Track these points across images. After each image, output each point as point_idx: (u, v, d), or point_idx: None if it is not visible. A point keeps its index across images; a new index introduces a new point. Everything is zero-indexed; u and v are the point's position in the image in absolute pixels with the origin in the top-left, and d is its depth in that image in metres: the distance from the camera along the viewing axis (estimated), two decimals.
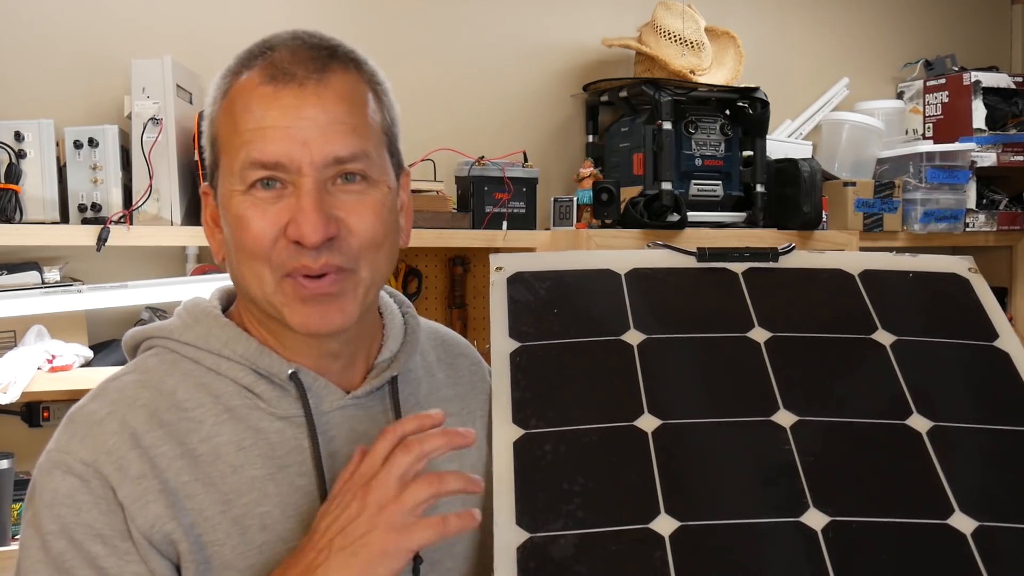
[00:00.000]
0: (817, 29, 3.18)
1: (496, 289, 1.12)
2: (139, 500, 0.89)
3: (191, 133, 2.14)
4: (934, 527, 0.93)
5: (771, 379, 1.03)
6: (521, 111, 2.76)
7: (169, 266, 2.35)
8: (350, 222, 0.93)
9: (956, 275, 1.17)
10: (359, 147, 0.93)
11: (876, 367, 1.06)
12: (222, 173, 0.95)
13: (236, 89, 0.94)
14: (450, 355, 1.15)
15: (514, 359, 1.05)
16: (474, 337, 2.63)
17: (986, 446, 1.00)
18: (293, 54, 0.93)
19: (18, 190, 2.02)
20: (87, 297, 2.05)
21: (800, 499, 0.94)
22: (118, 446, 0.91)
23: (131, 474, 0.90)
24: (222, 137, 0.95)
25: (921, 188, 2.86)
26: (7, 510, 2.00)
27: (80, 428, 0.93)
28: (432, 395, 1.08)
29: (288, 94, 0.91)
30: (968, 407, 1.04)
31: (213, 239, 1.01)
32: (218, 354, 0.97)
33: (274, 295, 0.93)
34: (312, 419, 0.96)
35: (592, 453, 0.97)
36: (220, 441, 0.94)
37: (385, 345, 1.05)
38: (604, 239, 2.39)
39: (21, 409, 2.17)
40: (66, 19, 2.28)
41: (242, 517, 0.92)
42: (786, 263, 1.16)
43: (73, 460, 0.90)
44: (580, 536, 0.91)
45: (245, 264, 0.94)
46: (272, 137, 0.90)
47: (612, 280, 1.13)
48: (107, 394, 0.96)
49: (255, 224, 0.92)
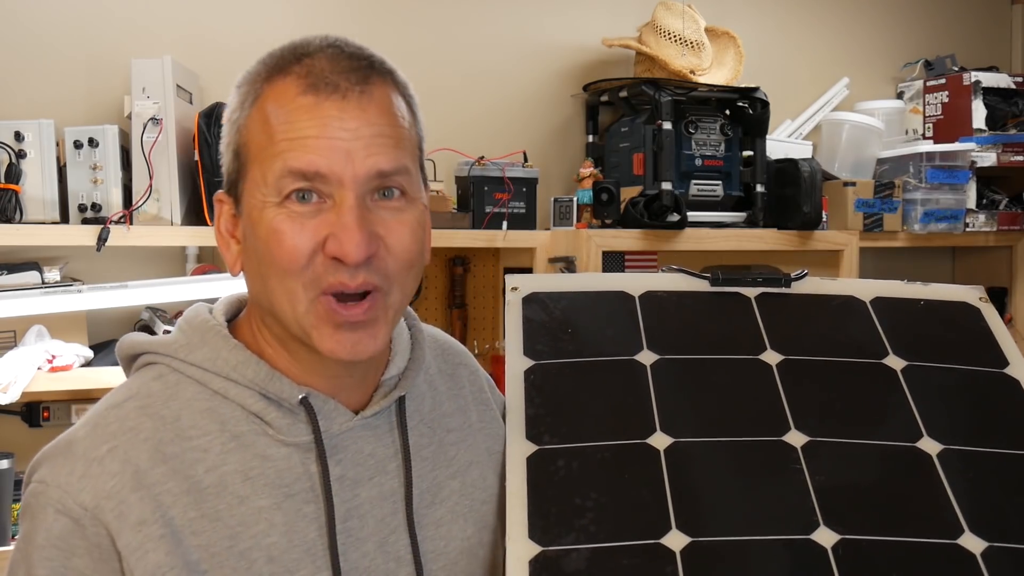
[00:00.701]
0: (817, 29, 3.18)
1: (511, 308, 1.13)
2: (139, 550, 0.85)
3: (191, 133, 2.14)
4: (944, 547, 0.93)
5: (783, 400, 1.04)
6: (521, 111, 2.76)
7: (169, 266, 2.35)
8: (389, 240, 0.90)
9: (967, 304, 1.18)
10: (400, 162, 0.90)
11: (887, 391, 1.07)
12: (250, 183, 0.91)
13: (270, 96, 0.90)
14: (450, 364, 1.13)
15: (528, 377, 1.06)
16: (474, 337, 2.63)
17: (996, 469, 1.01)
18: (333, 63, 0.90)
19: (18, 190, 2.02)
20: (87, 297, 2.04)
21: (811, 517, 0.94)
22: (119, 489, 0.86)
23: (131, 520, 0.86)
24: (253, 146, 0.91)
25: (921, 188, 2.85)
26: (7, 510, 2.00)
27: (79, 465, 0.88)
28: (435, 411, 1.06)
29: (331, 105, 0.88)
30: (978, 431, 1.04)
31: (228, 251, 0.96)
32: (226, 377, 0.94)
33: (306, 316, 0.90)
34: (322, 444, 0.93)
35: (604, 469, 0.98)
36: (226, 471, 0.90)
37: (392, 362, 1.01)
38: (604, 239, 2.39)
39: (21, 409, 2.17)
40: (66, 19, 2.28)
41: (249, 551, 0.89)
42: (799, 289, 1.17)
43: (72, 502, 0.86)
44: (592, 550, 0.92)
45: (275, 280, 0.90)
46: (312, 146, 0.87)
47: (626, 302, 1.14)
48: (107, 426, 0.91)
49: (291, 239, 0.88)
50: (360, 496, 0.95)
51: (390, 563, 0.95)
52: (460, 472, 1.04)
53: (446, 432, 1.05)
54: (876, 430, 1.03)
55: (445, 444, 1.04)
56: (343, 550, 0.92)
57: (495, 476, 1.06)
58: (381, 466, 0.98)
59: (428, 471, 1.01)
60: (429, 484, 1.01)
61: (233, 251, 0.96)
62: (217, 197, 0.98)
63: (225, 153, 0.96)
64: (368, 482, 0.96)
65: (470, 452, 1.06)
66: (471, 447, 1.07)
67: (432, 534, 0.99)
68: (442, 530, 1.00)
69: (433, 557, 0.98)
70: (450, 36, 2.69)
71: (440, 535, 1.00)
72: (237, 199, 0.94)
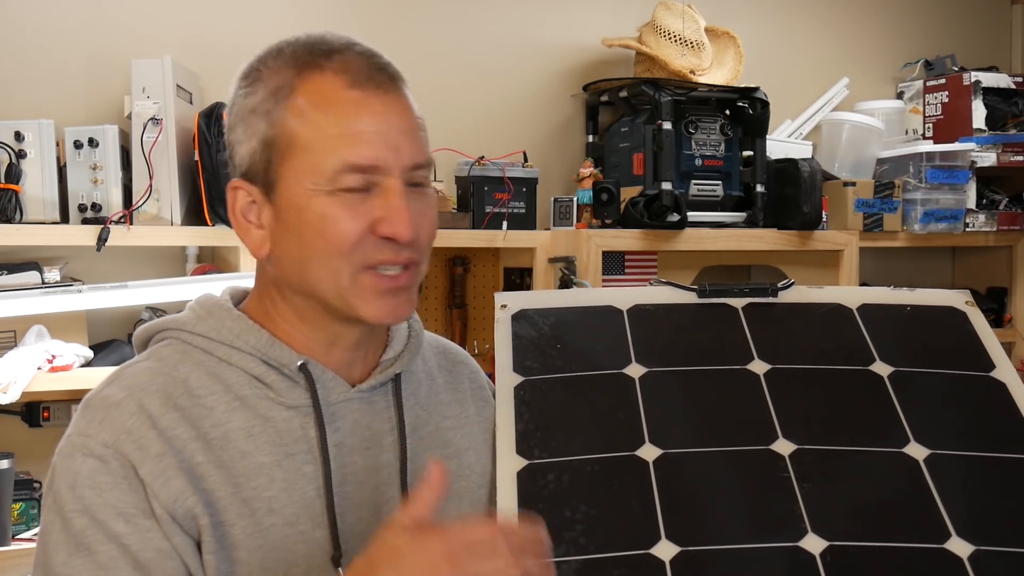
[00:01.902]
0: (817, 29, 3.18)
1: (501, 326, 1.15)
2: (161, 476, 0.92)
3: (191, 133, 2.14)
4: (931, 551, 0.94)
5: (770, 409, 1.05)
6: (521, 111, 2.76)
7: (169, 266, 2.35)
8: (420, 223, 0.98)
9: (953, 308, 1.19)
10: (428, 156, 1.01)
11: (874, 397, 1.07)
12: (294, 172, 0.96)
13: (308, 90, 0.96)
14: (450, 362, 1.18)
15: (518, 393, 1.08)
16: (474, 337, 2.63)
17: (982, 473, 1.01)
18: (368, 61, 0.98)
19: (18, 190, 2.02)
20: (87, 297, 2.05)
21: (798, 524, 0.95)
22: (137, 426, 0.94)
23: (151, 452, 0.93)
24: (298, 137, 0.95)
25: (921, 188, 2.85)
26: (7, 510, 2.00)
27: (98, 412, 0.95)
28: (432, 397, 1.11)
29: (376, 101, 0.96)
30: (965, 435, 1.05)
31: (248, 236, 1.01)
32: (230, 345, 1.00)
33: (350, 289, 0.96)
34: (320, 408, 0.99)
35: (594, 482, 0.99)
36: (231, 427, 0.97)
37: (390, 345, 1.08)
38: (604, 239, 2.39)
39: (21, 409, 2.17)
40: (66, 19, 2.28)
41: (251, 499, 0.95)
42: (785, 298, 1.18)
43: (93, 442, 0.93)
44: (582, 562, 0.92)
45: (318, 260, 0.96)
46: (368, 140, 0.95)
47: (614, 316, 1.15)
48: (122, 379, 0.99)
49: (344, 223, 0.95)
50: (357, 464, 1.01)
51: None
52: (456, 455, 1.09)
53: (442, 417, 1.11)
54: (863, 437, 1.03)
55: (442, 428, 1.10)
56: (341, 511, 0.98)
57: (491, 463, 1.10)
58: (377, 439, 1.03)
59: (424, 449, 1.06)
60: (424, 462, 1.04)
61: (255, 236, 1.01)
62: (233, 184, 1.01)
63: (246, 143, 0.99)
64: (364, 452, 1.02)
65: (466, 439, 1.11)
66: (467, 435, 1.12)
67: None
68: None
69: None
70: (450, 36, 2.69)
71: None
72: (267, 187, 0.98)
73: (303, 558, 0.96)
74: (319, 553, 0.96)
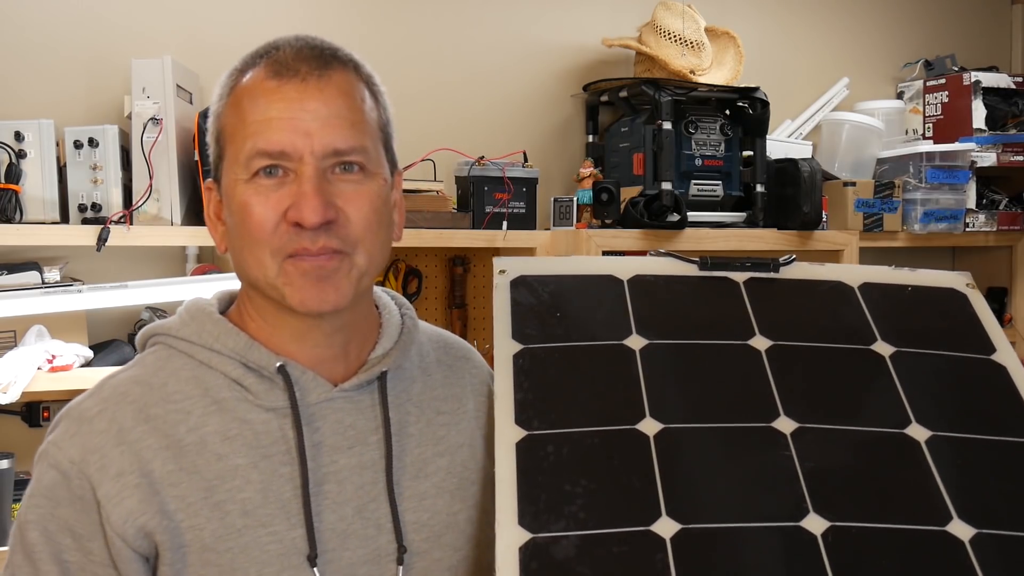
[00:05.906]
0: (817, 29, 3.18)
1: (499, 292, 1.14)
2: (115, 497, 0.94)
3: (191, 133, 2.14)
4: (932, 534, 0.93)
5: (772, 386, 1.04)
6: (521, 111, 2.76)
7: (169, 266, 2.35)
8: (348, 210, 0.98)
9: (954, 290, 1.19)
10: (357, 141, 0.98)
11: (875, 377, 1.07)
12: (227, 165, 1.00)
13: (242, 86, 0.99)
14: (451, 357, 1.17)
15: (517, 361, 1.07)
16: (474, 337, 2.63)
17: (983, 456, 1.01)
18: (297, 52, 0.99)
19: (18, 190, 2.02)
20: (87, 297, 2.05)
21: (800, 504, 0.94)
22: (102, 444, 0.96)
23: (111, 472, 0.95)
24: (228, 130, 1.00)
25: (921, 188, 2.86)
26: (7, 510, 2.00)
27: (72, 425, 0.98)
28: (426, 393, 1.11)
29: (291, 88, 0.97)
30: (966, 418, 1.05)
31: (216, 232, 1.05)
32: (210, 348, 1.02)
33: (276, 277, 0.98)
34: (297, 409, 1.00)
35: (594, 455, 0.98)
36: (207, 431, 0.98)
37: (379, 343, 1.08)
38: (604, 239, 2.39)
39: (21, 409, 2.17)
40: (66, 19, 2.28)
41: (224, 503, 0.96)
42: (787, 274, 1.17)
43: (61, 456, 0.96)
44: (582, 537, 0.92)
45: (247, 250, 0.98)
46: (277, 127, 0.96)
47: (614, 286, 1.14)
48: (102, 391, 1.01)
49: (258, 210, 0.96)
50: (339, 463, 1.01)
51: (369, 529, 1.01)
52: (449, 451, 1.08)
53: (436, 413, 1.10)
54: (864, 416, 1.03)
55: (434, 424, 1.09)
56: (319, 511, 0.99)
57: (487, 460, 1.09)
58: (362, 437, 1.03)
59: (414, 447, 1.06)
60: (414, 459, 1.05)
61: (219, 232, 1.05)
62: (206, 185, 1.07)
63: (210, 143, 1.04)
64: (348, 451, 1.02)
65: (461, 435, 1.10)
66: (463, 431, 1.11)
67: (415, 506, 1.04)
68: (426, 503, 1.04)
69: (415, 528, 1.03)
70: (450, 36, 2.69)
71: (424, 507, 1.04)
72: (219, 183, 1.03)
73: (276, 558, 0.96)
74: (294, 553, 0.97)
